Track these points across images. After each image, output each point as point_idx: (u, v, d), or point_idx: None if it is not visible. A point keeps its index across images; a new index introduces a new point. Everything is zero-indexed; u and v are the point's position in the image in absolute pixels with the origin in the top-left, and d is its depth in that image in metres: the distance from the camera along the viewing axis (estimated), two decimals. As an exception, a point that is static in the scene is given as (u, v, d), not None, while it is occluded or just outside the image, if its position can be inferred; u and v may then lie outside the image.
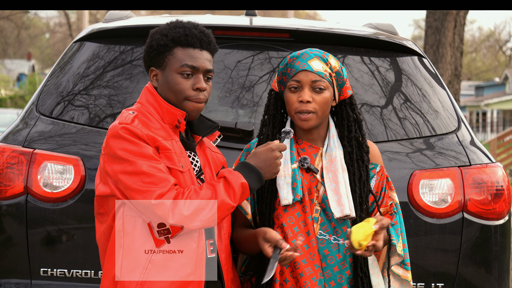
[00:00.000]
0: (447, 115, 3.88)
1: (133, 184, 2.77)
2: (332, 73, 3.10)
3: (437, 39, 12.80)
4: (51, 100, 3.80)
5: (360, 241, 2.89)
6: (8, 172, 3.56)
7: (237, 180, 2.84)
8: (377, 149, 3.26)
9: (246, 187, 2.85)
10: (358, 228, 2.91)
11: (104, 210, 2.93)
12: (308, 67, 3.07)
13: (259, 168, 2.90)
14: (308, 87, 3.07)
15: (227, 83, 3.84)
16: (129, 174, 2.78)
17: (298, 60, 3.09)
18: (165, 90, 2.94)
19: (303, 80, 3.07)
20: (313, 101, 3.06)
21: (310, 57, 3.09)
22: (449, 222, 3.62)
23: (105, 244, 2.94)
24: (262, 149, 2.93)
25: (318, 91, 3.07)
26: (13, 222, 3.58)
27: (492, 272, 3.71)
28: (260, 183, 2.90)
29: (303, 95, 3.06)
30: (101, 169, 2.90)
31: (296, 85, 3.09)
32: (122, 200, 2.84)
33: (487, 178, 3.66)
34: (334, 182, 3.08)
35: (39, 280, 3.58)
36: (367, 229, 2.90)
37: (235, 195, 2.83)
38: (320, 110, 3.08)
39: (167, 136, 2.89)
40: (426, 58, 4.12)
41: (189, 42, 2.91)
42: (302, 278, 3.05)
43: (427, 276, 3.64)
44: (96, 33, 4.01)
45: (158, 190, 2.75)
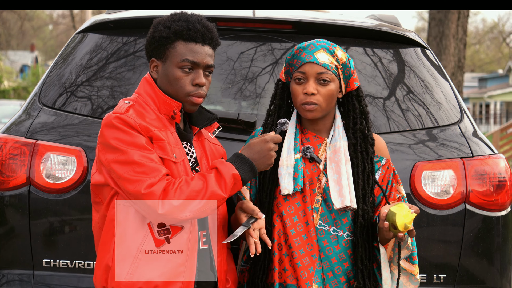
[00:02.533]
0: (450, 107, 3.87)
1: (124, 173, 2.77)
2: (339, 65, 3.09)
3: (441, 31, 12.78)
4: (54, 91, 3.81)
5: (407, 223, 2.88)
6: (10, 163, 3.57)
7: (229, 171, 2.83)
8: (383, 142, 3.25)
9: (238, 178, 2.84)
10: (399, 211, 2.89)
11: (100, 199, 2.94)
12: (314, 59, 3.06)
13: (252, 159, 2.89)
14: (313, 79, 3.07)
15: (230, 74, 3.83)
16: (121, 164, 2.78)
17: (305, 52, 3.09)
18: (164, 82, 2.94)
19: (308, 72, 3.07)
20: (317, 93, 3.06)
21: (317, 48, 3.08)
22: (451, 214, 3.62)
23: (99, 233, 2.95)
24: (256, 141, 2.92)
25: (323, 83, 3.07)
26: (16, 213, 3.59)
27: (494, 263, 3.71)
28: (253, 174, 2.89)
29: (308, 87, 3.06)
30: (97, 158, 2.91)
31: (301, 77, 3.08)
32: (115, 189, 2.84)
33: (490, 169, 3.66)
34: (336, 172, 3.07)
35: (42, 271, 3.59)
36: (407, 213, 2.89)
37: (226, 186, 2.82)
38: (324, 102, 3.07)
39: (162, 126, 2.89)
40: (429, 49, 4.12)
41: (191, 36, 2.90)
42: (299, 268, 3.06)
43: (429, 267, 3.64)
44: (99, 24, 4.01)
45: (148, 180, 2.75)
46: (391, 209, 2.92)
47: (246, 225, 2.91)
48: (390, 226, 2.91)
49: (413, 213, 2.91)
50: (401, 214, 2.89)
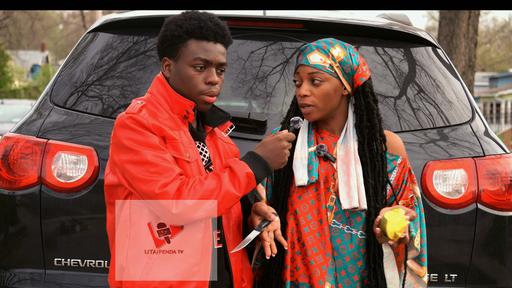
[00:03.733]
0: (461, 106, 3.86)
1: (138, 173, 2.77)
2: (335, 63, 3.08)
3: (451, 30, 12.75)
4: (65, 90, 3.81)
5: (397, 232, 2.87)
6: (22, 162, 3.57)
7: (243, 170, 2.82)
8: (399, 140, 3.22)
9: (252, 177, 2.84)
10: (391, 218, 2.88)
11: (113, 200, 2.94)
12: (305, 61, 3.07)
13: (266, 158, 2.88)
14: (307, 81, 3.08)
15: (241, 73, 3.83)
16: (135, 164, 2.78)
17: (301, 55, 3.11)
18: (177, 81, 2.94)
19: (301, 74, 3.09)
20: (311, 95, 3.06)
21: (311, 50, 3.09)
22: (462, 213, 3.61)
23: (114, 233, 2.95)
24: (269, 139, 2.92)
25: (316, 83, 3.07)
26: (27, 212, 3.60)
27: (506, 263, 3.70)
28: (267, 173, 2.88)
29: (300, 89, 3.08)
30: (110, 158, 2.91)
31: (297, 79, 3.11)
32: (129, 190, 2.84)
33: (501, 169, 3.65)
34: (346, 174, 3.07)
35: (53, 270, 3.60)
36: (401, 220, 2.88)
37: (240, 185, 2.81)
38: (320, 102, 3.07)
39: (175, 126, 2.89)
40: (440, 48, 4.11)
41: (204, 34, 2.90)
42: (312, 266, 3.05)
43: (440, 267, 3.63)
44: (110, 23, 4.01)
45: (162, 180, 2.75)
46: (384, 216, 2.91)
47: (259, 229, 2.91)
48: (382, 233, 2.91)
49: (407, 220, 2.90)
50: (393, 222, 2.88)
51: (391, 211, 2.92)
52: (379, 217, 2.92)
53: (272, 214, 2.93)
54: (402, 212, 2.90)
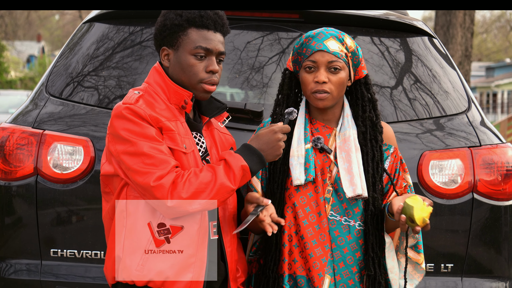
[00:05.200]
0: (458, 96, 3.86)
1: (134, 165, 2.76)
2: (348, 53, 3.08)
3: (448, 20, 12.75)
4: (61, 81, 3.80)
5: (425, 218, 2.85)
6: (18, 153, 3.57)
7: (238, 163, 2.82)
8: (391, 130, 3.24)
9: (247, 170, 2.83)
10: (416, 204, 2.87)
11: (109, 189, 2.93)
12: (325, 47, 3.05)
13: (261, 150, 2.87)
14: (324, 68, 3.06)
15: (237, 64, 3.83)
16: (131, 155, 2.77)
17: (314, 40, 3.07)
18: (177, 70, 2.92)
19: (319, 60, 3.06)
20: (328, 82, 3.05)
21: (326, 37, 3.07)
22: (459, 203, 3.62)
23: (109, 223, 2.94)
24: (264, 131, 2.91)
25: (334, 71, 3.05)
26: (23, 203, 3.60)
27: (502, 253, 3.70)
28: (261, 165, 2.88)
29: (319, 76, 3.05)
30: (106, 148, 2.91)
31: (312, 65, 3.07)
32: (125, 180, 2.84)
33: (497, 158, 3.65)
34: (347, 161, 3.07)
35: (49, 260, 3.60)
36: (423, 206, 2.87)
37: (235, 177, 2.80)
38: (335, 90, 3.06)
39: (172, 117, 2.88)
40: (436, 38, 4.10)
41: (204, 23, 2.89)
42: (311, 259, 3.05)
43: (436, 257, 3.64)
44: (106, 14, 4.00)
45: (157, 172, 2.74)
46: (407, 202, 2.88)
47: (255, 213, 2.90)
48: (407, 220, 2.88)
49: (429, 207, 2.88)
50: (418, 208, 2.86)
51: (410, 198, 2.90)
52: (400, 204, 2.90)
53: (264, 199, 2.92)
54: (420, 199, 2.89)
